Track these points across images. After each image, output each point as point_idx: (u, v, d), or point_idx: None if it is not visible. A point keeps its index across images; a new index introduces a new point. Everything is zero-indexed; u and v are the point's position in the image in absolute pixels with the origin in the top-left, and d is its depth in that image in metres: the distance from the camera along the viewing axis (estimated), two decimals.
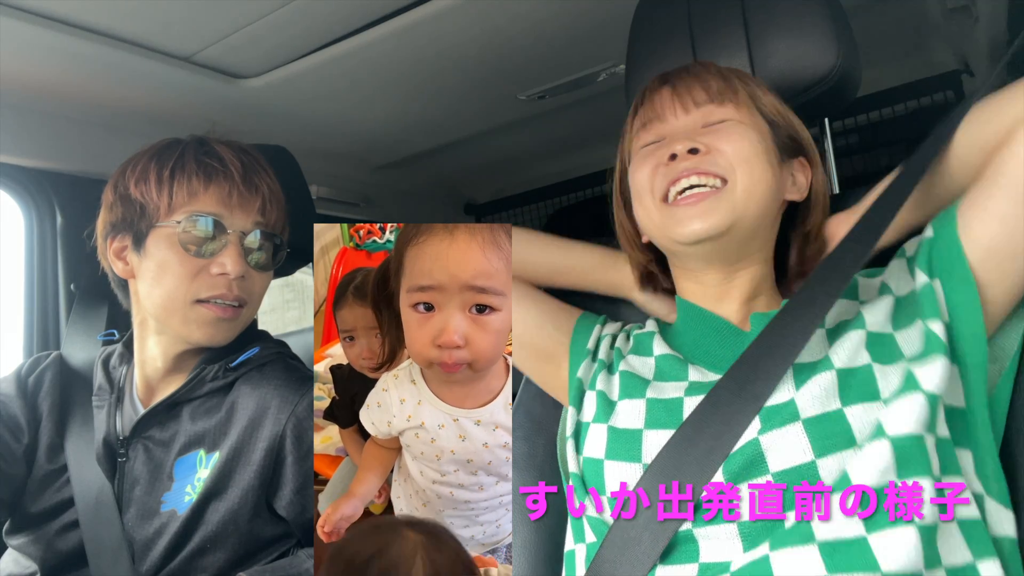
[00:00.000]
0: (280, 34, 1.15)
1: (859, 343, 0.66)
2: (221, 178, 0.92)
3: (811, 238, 0.81)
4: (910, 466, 0.58)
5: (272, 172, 0.99)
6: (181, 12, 1.04)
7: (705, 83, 0.77)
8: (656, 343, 0.80)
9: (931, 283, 0.67)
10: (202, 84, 1.26)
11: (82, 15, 1.02)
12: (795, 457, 0.61)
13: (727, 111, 0.76)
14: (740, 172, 0.72)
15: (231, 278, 0.91)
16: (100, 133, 1.34)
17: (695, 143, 0.73)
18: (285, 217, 1.01)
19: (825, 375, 0.64)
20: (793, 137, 0.79)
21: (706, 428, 0.64)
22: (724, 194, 0.72)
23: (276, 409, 0.93)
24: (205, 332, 0.93)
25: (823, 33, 0.83)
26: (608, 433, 0.72)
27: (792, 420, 0.63)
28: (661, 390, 0.73)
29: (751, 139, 0.74)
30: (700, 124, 0.76)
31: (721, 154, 0.73)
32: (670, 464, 0.64)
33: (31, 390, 1.00)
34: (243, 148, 0.99)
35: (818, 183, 0.80)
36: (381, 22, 1.15)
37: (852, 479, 0.58)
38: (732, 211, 0.72)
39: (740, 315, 0.78)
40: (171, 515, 0.90)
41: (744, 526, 0.62)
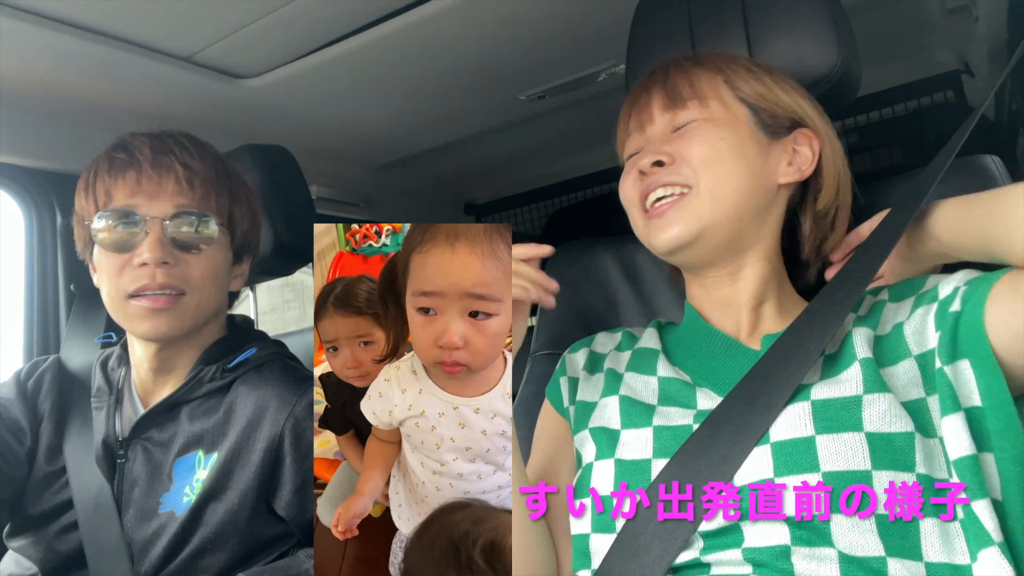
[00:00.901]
0: (280, 34, 1.15)
1: (888, 408, 0.62)
2: (129, 169, 0.91)
3: (822, 218, 0.78)
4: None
5: (197, 149, 0.95)
6: (181, 12, 1.04)
7: (672, 87, 0.77)
8: (660, 363, 0.77)
9: (956, 365, 0.61)
10: (202, 84, 1.26)
11: (82, 15, 1.02)
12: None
13: (692, 112, 0.75)
14: (703, 176, 0.72)
15: (152, 267, 0.89)
16: (100, 133, 1.33)
17: (659, 154, 0.74)
18: (228, 194, 0.97)
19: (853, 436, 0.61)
20: (785, 113, 0.77)
21: (719, 437, 0.64)
22: (688, 200, 0.72)
23: (274, 409, 0.93)
24: (144, 326, 0.91)
25: (823, 33, 0.83)
26: (615, 467, 0.70)
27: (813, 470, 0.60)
28: (668, 416, 0.71)
29: (714, 138, 0.73)
30: (670, 129, 0.76)
31: (685, 161, 0.73)
32: (681, 473, 0.64)
33: (31, 392, 1.00)
34: (165, 134, 0.96)
35: (828, 154, 0.77)
36: (381, 22, 1.15)
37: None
38: (698, 217, 0.72)
39: (749, 325, 0.76)
40: (169, 516, 0.90)
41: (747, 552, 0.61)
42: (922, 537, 0.57)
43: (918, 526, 0.58)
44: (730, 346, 0.75)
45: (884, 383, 0.63)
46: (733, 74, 0.77)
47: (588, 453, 0.74)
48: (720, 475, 0.63)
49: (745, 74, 0.77)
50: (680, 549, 0.63)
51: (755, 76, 0.77)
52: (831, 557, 0.58)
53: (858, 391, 0.62)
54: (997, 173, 0.82)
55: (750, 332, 0.76)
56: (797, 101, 0.78)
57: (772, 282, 0.77)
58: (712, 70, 0.77)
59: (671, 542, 0.63)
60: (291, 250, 1.20)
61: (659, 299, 0.99)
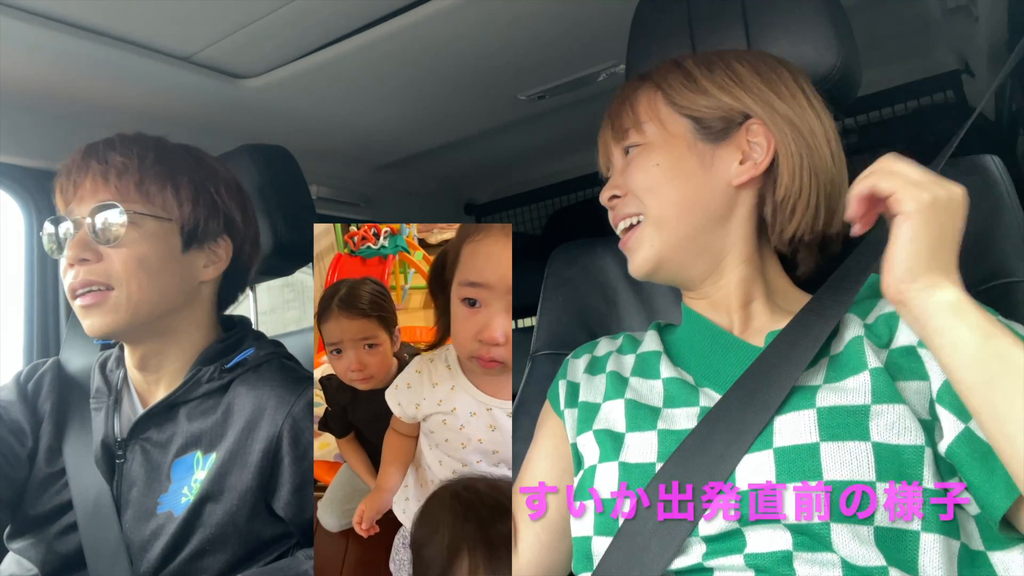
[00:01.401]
0: (280, 34, 1.15)
1: (898, 420, 0.61)
2: (63, 175, 0.93)
3: (784, 207, 0.74)
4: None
5: (124, 144, 0.94)
6: (181, 12, 1.04)
7: (616, 116, 0.79)
8: (663, 364, 0.77)
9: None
10: (202, 84, 1.26)
11: (82, 15, 1.02)
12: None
13: (633, 138, 0.77)
14: (648, 204, 0.75)
15: (75, 266, 0.90)
16: (100, 133, 1.33)
17: (613, 188, 0.78)
18: (161, 180, 0.94)
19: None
20: (728, 114, 0.74)
21: (717, 435, 0.64)
22: (642, 229, 0.75)
23: (273, 410, 0.93)
24: (85, 324, 0.92)
25: (823, 33, 0.82)
26: (619, 470, 0.69)
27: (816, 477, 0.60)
28: (672, 419, 0.71)
29: (649, 165, 0.75)
30: (622, 158, 0.79)
31: (632, 191, 0.76)
32: (679, 472, 0.64)
33: (31, 394, 1.01)
34: (113, 136, 0.96)
35: (782, 140, 0.72)
36: (381, 22, 1.15)
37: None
38: (651, 244, 0.75)
39: (742, 324, 0.76)
40: (168, 516, 0.90)
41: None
42: (920, 552, 0.57)
43: (918, 540, 0.57)
44: (731, 342, 0.74)
45: (898, 394, 0.61)
46: (670, 89, 0.76)
47: (591, 455, 0.73)
48: (719, 474, 0.62)
49: (681, 87, 0.76)
50: (679, 548, 0.62)
51: (693, 85, 0.75)
52: (834, 562, 0.58)
53: (866, 401, 0.61)
54: (997, 173, 0.82)
55: (743, 329, 0.76)
56: (740, 97, 0.73)
57: (757, 282, 0.76)
58: (651, 88, 0.78)
59: (670, 541, 0.62)
60: (291, 250, 1.20)
61: (659, 299, 0.99)
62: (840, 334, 0.67)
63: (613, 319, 1.00)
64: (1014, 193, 0.80)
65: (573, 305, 1.02)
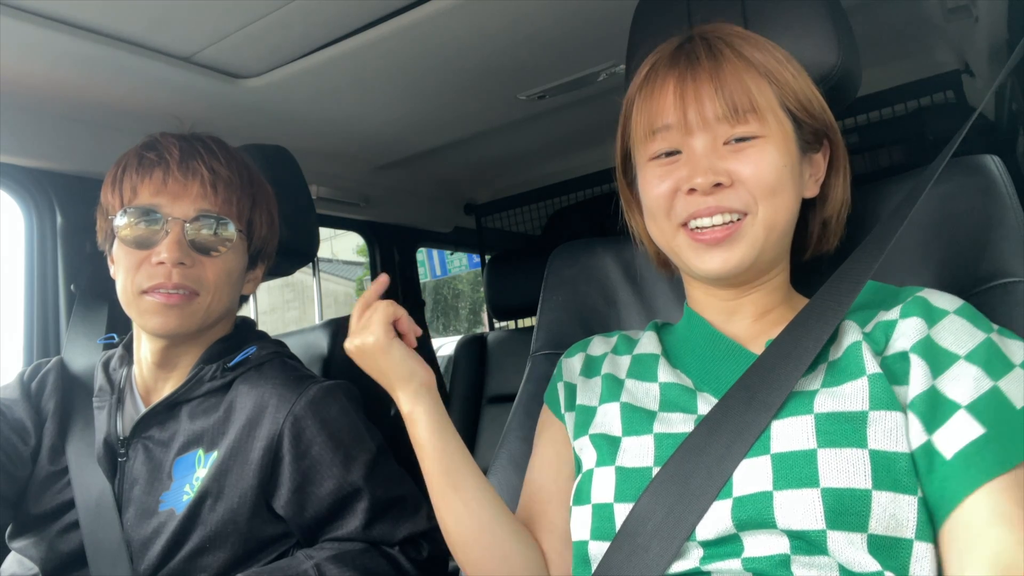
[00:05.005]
0: (280, 34, 1.15)
1: (895, 428, 0.61)
2: (157, 169, 0.93)
3: (830, 224, 0.77)
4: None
5: (225, 154, 0.97)
6: (181, 12, 1.04)
7: (725, 95, 0.68)
8: (661, 367, 0.76)
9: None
10: (202, 84, 1.26)
11: (82, 15, 1.02)
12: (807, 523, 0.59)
13: (751, 127, 0.68)
14: (763, 205, 0.68)
15: (168, 267, 0.91)
16: (100, 133, 1.34)
17: (718, 175, 0.67)
18: (250, 200, 0.99)
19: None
20: (821, 127, 0.73)
21: (716, 438, 0.64)
22: (744, 229, 0.69)
23: (274, 408, 0.93)
24: (154, 321, 0.92)
25: (823, 33, 0.82)
26: (616, 474, 0.69)
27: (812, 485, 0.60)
28: (669, 423, 0.70)
29: (775, 162, 0.68)
30: (721, 140, 0.69)
31: (743, 184, 0.68)
32: (679, 474, 0.64)
33: (34, 393, 1.01)
34: (194, 136, 0.98)
35: (840, 162, 0.75)
36: (381, 22, 1.15)
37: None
38: (753, 246, 0.69)
39: (751, 331, 0.75)
40: (169, 514, 0.90)
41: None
42: (913, 560, 0.57)
43: (911, 548, 0.57)
44: (733, 350, 0.74)
45: (895, 401, 0.61)
46: (784, 72, 0.70)
47: (588, 459, 0.73)
48: (718, 475, 0.62)
49: (792, 81, 0.70)
50: (679, 548, 0.62)
51: (801, 78, 0.71)
52: (831, 566, 0.58)
53: (864, 407, 0.61)
54: (997, 173, 0.82)
55: (754, 338, 0.75)
56: (827, 111, 0.73)
57: (782, 290, 0.76)
58: (761, 72, 0.70)
59: (669, 541, 0.63)
60: (292, 250, 1.20)
61: (659, 299, 0.99)
62: (839, 340, 0.67)
63: (612, 319, 1.00)
64: (1014, 193, 0.80)
65: (573, 305, 1.02)
